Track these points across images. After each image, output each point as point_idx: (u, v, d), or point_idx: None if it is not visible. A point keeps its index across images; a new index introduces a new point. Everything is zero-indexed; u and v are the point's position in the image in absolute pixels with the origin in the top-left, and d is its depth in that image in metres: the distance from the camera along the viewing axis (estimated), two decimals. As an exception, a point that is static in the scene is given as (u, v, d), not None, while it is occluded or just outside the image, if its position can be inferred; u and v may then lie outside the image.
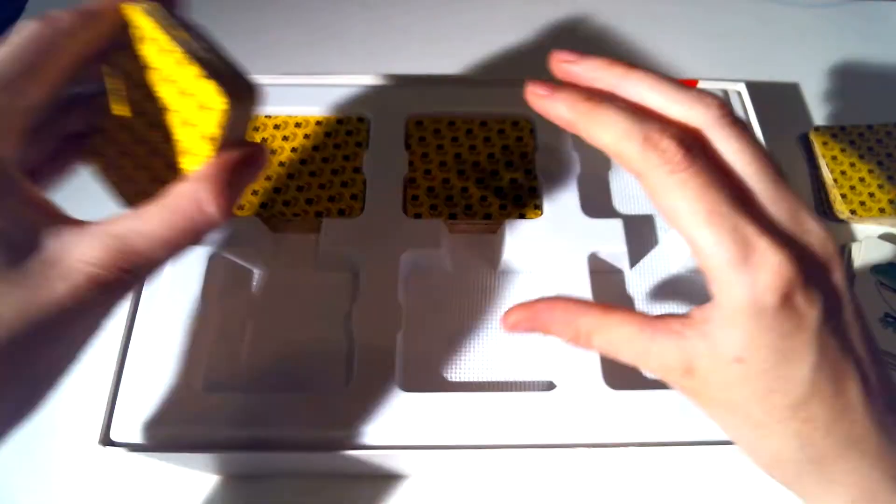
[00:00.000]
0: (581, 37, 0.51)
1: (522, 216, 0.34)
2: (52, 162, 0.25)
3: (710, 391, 0.21)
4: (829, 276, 0.20)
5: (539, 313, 0.23)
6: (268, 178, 0.36)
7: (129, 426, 0.29)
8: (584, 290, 0.32)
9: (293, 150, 0.37)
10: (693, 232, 0.20)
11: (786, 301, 0.19)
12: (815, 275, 0.20)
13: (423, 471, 0.33)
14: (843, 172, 0.41)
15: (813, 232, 0.20)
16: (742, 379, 0.20)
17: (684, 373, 0.21)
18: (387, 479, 0.33)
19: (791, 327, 0.19)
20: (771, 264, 0.19)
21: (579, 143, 0.33)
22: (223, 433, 0.28)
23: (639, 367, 0.22)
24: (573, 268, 0.33)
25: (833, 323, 0.20)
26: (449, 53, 0.50)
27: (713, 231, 0.19)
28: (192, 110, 0.21)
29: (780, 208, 0.20)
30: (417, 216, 0.34)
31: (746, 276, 0.19)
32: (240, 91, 0.22)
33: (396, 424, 0.28)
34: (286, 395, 0.29)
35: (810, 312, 0.19)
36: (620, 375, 0.31)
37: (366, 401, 0.29)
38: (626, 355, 0.22)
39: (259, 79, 0.39)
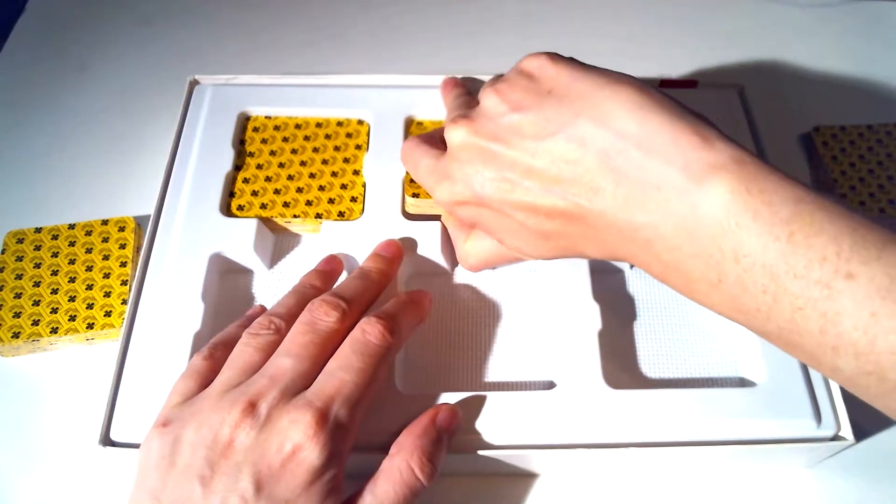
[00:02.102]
0: (581, 37, 0.51)
1: None
2: None
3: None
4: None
5: None
6: (268, 179, 0.36)
7: (129, 426, 0.29)
8: (585, 290, 0.32)
9: (293, 151, 0.37)
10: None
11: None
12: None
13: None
14: (843, 172, 0.41)
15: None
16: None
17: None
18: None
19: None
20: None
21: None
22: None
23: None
24: (573, 268, 0.33)
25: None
26: (449, 53, 0.50)
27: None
28: None
29: None
30: (416, 195, 0.34)
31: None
32: None
33: (396, 425, 0.28)
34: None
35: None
36: (621, 375, 0.31)
37: (366, 401, 0.29)
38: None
39: (259, 79, 0.39)
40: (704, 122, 0.23)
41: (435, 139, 0.31)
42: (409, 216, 0.34)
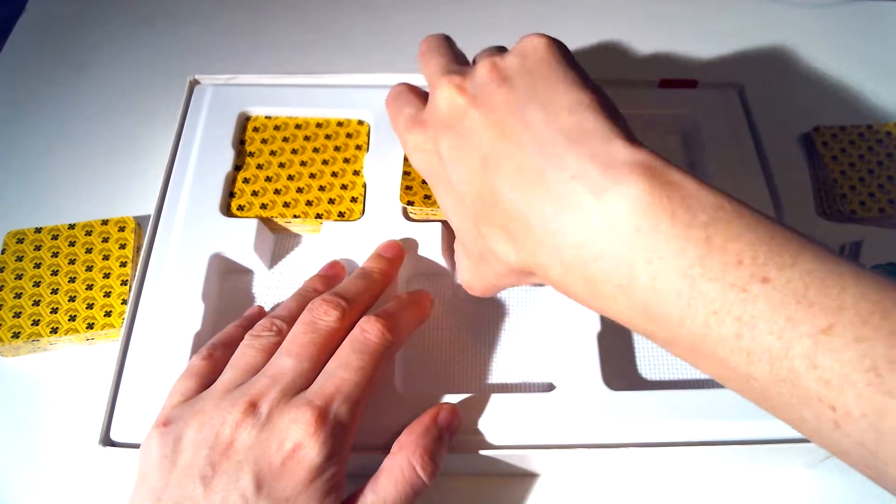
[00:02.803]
0: (581, 37, 0.51)
1: None
2: None
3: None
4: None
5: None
6: (268, 180, 0.36)
7: (129, 426, 0.29)
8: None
9: (293, 151, 0.37)
10: None
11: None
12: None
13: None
14: (843, 172, 0.41)
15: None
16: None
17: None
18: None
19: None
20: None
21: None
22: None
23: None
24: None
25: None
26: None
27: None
28: None
29: None
30: (411, 203, 0.34)
31: None
32: None
33: (396, 425, 0.28)
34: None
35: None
36: (620, 376, 0.31)
37: (366, 401, 0.29)
38: None
39: (259, 79, 0.39)
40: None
41: (420, 93, 0.31)
42: (410, 217, 0.34)
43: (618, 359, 0.32)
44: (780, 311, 0.18)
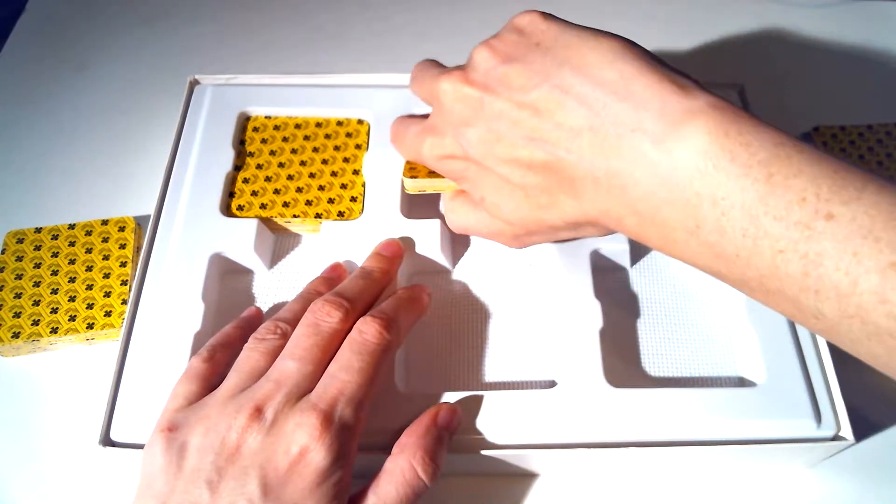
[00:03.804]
0: (581, 37, 0.51)
1: None
2: None
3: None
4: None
5: None
6: (267, 179, 0.36)
7: (129, 426, 0.29)
8: (586, 287, 0.32)
9: (293, 151, 0.37)
10: None
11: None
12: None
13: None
14: (843, 172, 0.41)
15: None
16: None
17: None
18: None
19: None
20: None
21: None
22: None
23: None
24: (575, 265, 0.33)
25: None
26: (449, 53, 0.50)
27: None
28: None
29: None
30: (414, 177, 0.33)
31: None
32: None
33: (397, 424, 0.28)
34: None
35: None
36: (622, 374, 0.31)
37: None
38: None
39: (259, 79, 0.39)
40: (684, 76, 0.23)
41: (418, 117, 0.31)
42: (409, 215, 0.34)
43: (620, 355, 0.32)
44: (846, 248, 0.18)
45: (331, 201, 0.35)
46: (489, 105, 0.25)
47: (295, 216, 0.35)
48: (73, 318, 0.34)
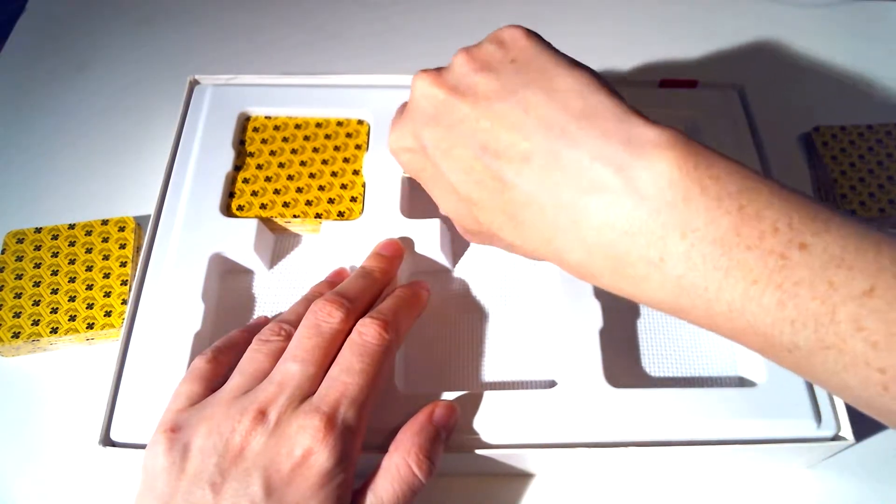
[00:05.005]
0: (581, 37, 0.51)
1: None
2: None
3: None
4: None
5: None
6: (267, 179, 0.36)
7: (129, 426, 0.29)
8: (586, 288, 0.32)
9: (293, 151, 0.37)
10: None
11: None
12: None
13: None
14: (843, 172, 0.41)
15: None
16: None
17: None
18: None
19: None
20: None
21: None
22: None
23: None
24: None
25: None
26: (449, 53, 0.50)
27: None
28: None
29: None
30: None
31: None
32: None
33: (396, 424, 0.28)
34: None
35: None
36: (622, 374, 0.31)
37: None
38: None
39: (259, 79, 0.39)
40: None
41: None
42: (409, 215, 0.34)
43: (620, 355, 0.32)
44: (821, 276, 0.18)
45: (331, 201, 0.35)
46: (453, 108, 0.25)
47: (295, 216, 0.35)
48: (73, 318, 0.34)
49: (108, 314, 0.34)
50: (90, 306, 0.35)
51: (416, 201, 0.36)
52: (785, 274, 0.19)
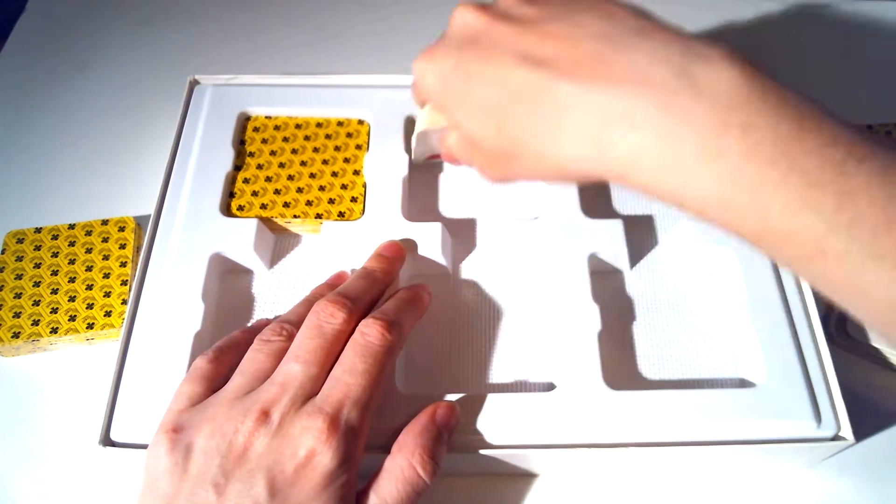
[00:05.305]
0: (581, 37, 0.51)
1: None
2: None
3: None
4: None
5: None
6: (268, 180, 0.36)
7: (129, 426, 0.29)
8: (584, 291, 0.32)
9: (293, 151, 0.37)
10: None
11: None
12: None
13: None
14: (843, 172, 0.41)
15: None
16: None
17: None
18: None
19: None
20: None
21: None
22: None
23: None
24: (573, 268, 0.33)
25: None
26: (449, 54, 0.50)
27: None
28: None
29: None
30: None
31: None
32: None
33: (398, 424, 0.28)
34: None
35: None
36: (620, 376, 0.31)
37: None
38: None
39: (259, 79, 0.39)
40: None
41: None
42: (410, 217, 0.34)
43: (619, 358, 0.32)
44: (879, 188, 0.19)
45: (331, 202, 0.35)
46: (495, 31, 0.24)
47: (295, 216, 0.35)
48: (73, 318, 0.34)
49: (108, 314, 0.34)
50: (90, 306, 0.35)
51: (417, 202, 0.36)
52: (844, 182, 0.19)
